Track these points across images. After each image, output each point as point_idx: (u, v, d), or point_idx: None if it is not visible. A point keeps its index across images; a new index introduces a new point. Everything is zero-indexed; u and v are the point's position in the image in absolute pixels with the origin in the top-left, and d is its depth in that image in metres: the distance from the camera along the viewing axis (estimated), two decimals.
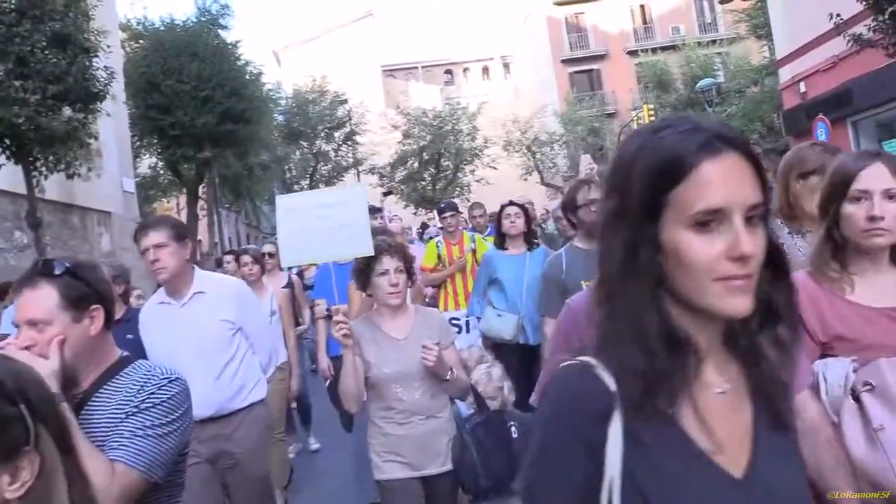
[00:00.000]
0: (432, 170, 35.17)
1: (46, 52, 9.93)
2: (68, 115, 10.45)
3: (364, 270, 3.10)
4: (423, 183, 34.88)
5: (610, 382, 0.97)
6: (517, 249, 5.04)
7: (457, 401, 3.35)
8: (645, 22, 40.37)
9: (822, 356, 1.91)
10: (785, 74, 18.70)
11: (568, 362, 1.03)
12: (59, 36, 10.12)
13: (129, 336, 3.46)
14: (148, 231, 3.34)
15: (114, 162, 17.18)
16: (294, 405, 6.27)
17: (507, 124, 35.77)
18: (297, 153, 35.14)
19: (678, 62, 33.19)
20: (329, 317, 4.52)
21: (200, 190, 23.22)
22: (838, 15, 11.48)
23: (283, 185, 33.56)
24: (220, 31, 21.19)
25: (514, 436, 3.17)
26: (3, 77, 9.63)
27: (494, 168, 34.05)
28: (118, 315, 3.01)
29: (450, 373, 2.99)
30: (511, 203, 5.21)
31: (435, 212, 8.91)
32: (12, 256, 12.99)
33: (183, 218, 23.37)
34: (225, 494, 3.56)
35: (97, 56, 11.01)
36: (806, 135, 14.94)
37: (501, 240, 5.10)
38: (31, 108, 9.55)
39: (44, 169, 10.85)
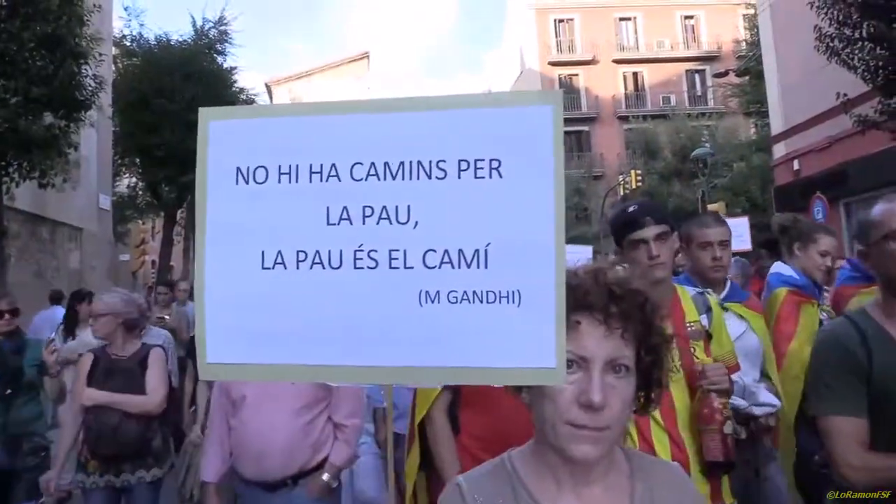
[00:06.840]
0: None
1: (34, 52, 9.46)
2: (49, 121, 9.93)
3: None
4: None
5: None
6: None
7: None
8: (637, 89, 41.02)
9: None
10: (779, 151, 18.78)
11: None
12: (49, 37, 9.67)
13: None
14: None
15: (92, 176, 16.60)
16: None
17: None
18: None
19: (667, 131, 33.61)
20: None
21: (179, 214, 22.58)
22: (845, 94, 11.45)
23: None
24: (216, 55, 20.89)
25: None
26: None
27: None
28: None
29: None
30: None
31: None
32: None
33: (157, 241, 22.69)
34: None
35: (87, 63, 10.56)
36: (798, 213, 14.82)
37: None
38: (10, 110, 9.03)
39: (16, 175, 10.25)
